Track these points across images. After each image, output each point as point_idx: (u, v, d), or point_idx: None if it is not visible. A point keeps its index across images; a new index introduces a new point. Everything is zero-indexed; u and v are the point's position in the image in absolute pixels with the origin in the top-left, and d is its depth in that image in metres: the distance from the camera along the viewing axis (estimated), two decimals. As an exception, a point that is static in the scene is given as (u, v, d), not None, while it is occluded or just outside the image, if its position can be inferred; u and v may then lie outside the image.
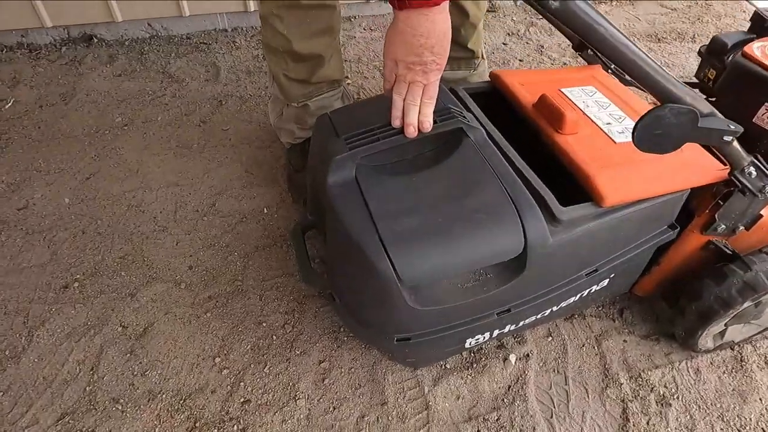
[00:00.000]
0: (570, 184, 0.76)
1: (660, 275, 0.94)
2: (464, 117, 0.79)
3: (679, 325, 0.91)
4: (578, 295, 0.87)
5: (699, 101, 0.55)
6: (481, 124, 0.84)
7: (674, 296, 0.94)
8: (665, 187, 0.75)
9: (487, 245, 0.68)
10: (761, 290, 0.80)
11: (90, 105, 1.56)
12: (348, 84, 1.71)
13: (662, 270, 0.92)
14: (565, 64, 1.90)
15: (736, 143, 0.65)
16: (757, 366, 0.93)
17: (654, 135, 0.53)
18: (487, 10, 2.22)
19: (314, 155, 0.90)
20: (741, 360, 0.94)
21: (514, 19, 2.18)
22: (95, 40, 1.86)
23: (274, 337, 0.95)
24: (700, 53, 1.14)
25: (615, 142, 0.80)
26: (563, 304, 0.87)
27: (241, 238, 1.15)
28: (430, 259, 0.67)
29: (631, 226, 0.77)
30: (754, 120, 0.95)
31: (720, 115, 0.58)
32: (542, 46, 2.00)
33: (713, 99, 1.06)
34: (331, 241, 0.79)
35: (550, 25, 2.12)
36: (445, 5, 0.65)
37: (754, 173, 0.74)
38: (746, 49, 0.99)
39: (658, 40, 2.06)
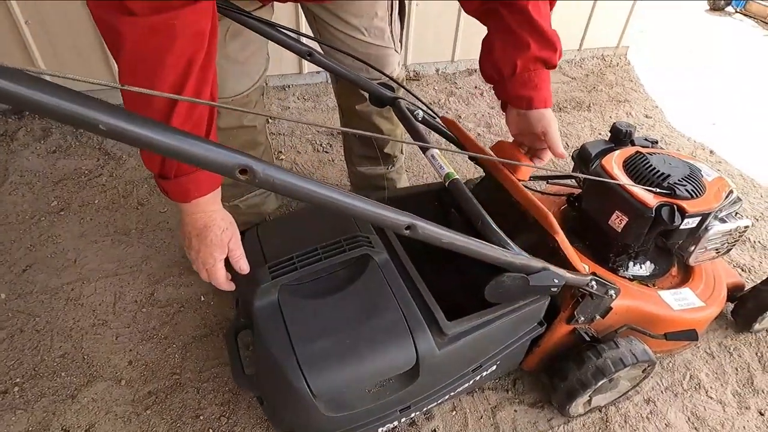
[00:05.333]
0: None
1: (540, 354, 1.13)
2: (370, 243, 0.95)
3: (553, 398, 1.10)
4: (470, 382, 1.05)
5: (532, 262, 0.73)
6: (390, 242, 1.00)
7: (551, 370, 1.14)
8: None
9: (387, 361, 0.84)
10: (609, 373, 1.00)
11: (24, 187, 1.60)
12: (282, 159, 1.85)
13: (541, 350, 1.12)
14: (478, 134, 2.13)
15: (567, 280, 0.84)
16: (618, 425, 1.14)
17: (499, 292, 0.71)
18: (411, 79, 2.43)
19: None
20: (606, 420, 1.15)
21: (436, 88, 2.40)
22: (27, 112, 1.88)
23: (211, 431, 1.06)
24: (572, 157, 1.37)
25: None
26: (458, 389, 1.04)
27: (179, 329, 1.24)
28: (339, 376, 0.82)
29: (505, 331, 0.95)
30: (609, 222, 1.17)
31: (553, 268, 0.76)
32: (460, 116, 2.23)
33: (581, 197, 1.29)
34: (257, 354, 0.92)
35: (468, 95, 2.36)
36: (196, 207, 0.77)
37: (595, 285, 0.94)
38: (604, 162, 1.22)
39: (559, 109, 2.35)
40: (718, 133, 2.32)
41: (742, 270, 1.58)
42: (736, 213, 1.22)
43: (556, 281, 0.75)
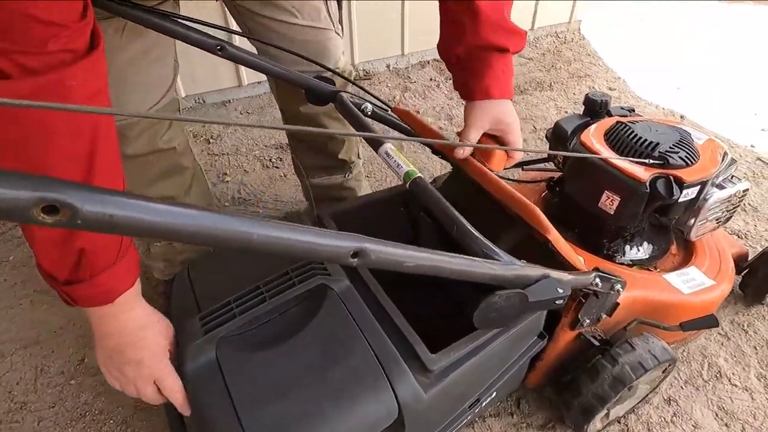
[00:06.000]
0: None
1: (544, 368, 0.97)
2: (325, 269, 0.78)
3: (567, 417, 0.94)
4: (467, 419, 0.88)
5: (528, 271, 0.57)
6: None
7: (560, 384, 0.98)
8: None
9: (361, 419, 0.66)
10: (629, 381, 0.85)
11: None
12: (227, 182, 1.65)
13: (545, 364, 0.96)
14: (440, 128, 1.98)
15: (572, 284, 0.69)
16: (643, 435, 0.99)
17: (491, 317, 0.55)
18: (362, 78, 2.27)
19: (173, 319, 0.84)
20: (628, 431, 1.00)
21: (389, 85, 2.25)
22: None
23: None
24: (547, 137, 1.23)
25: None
26: (457, 426, 0.87)
27: (117, 399, 1.03)
28: (302, 448, 0.64)
29: (502, 354, 0.79)
30: (599, 205, 1.03)
31: (554, 273, 0.60)
32: (418, 111, 2.07)
33: (565, 182, 1.15)
34: (194, 429, 0.73)
35: (424, 88, 2.22)
36: (121, 307, 0.61)
37: (600, 282, 0.79)
38: (582, 137, 1.08)
39: (521, 91, 2.23)
40: (684, 97, 2.23)
41: (738, 236, 1.46)
42: (732, 176, 1.10)
43: (561, 290, 0.59)
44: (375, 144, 0.74)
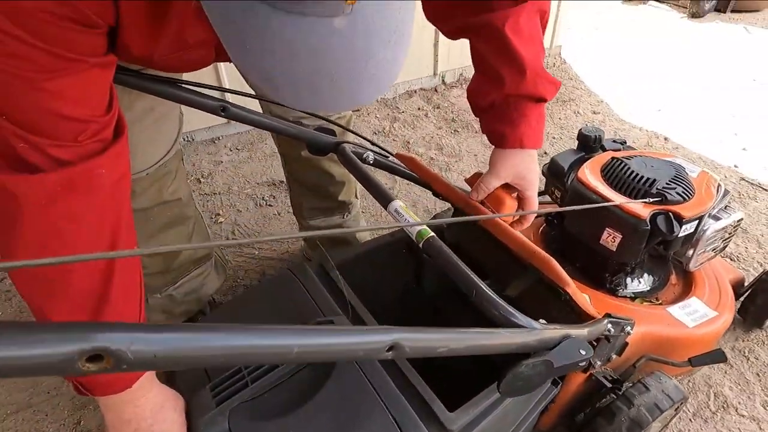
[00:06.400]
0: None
1: (557, 410, 0.96)
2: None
3: (587, 464, 0.93)
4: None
5: (551, 333, 0.57)
6: (354, 310, 0.81)
7: (573, 424, 0.98)
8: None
9: None
10: (646, 424, 0.84)
11: None
12: (221, 222, 1.63)
13: (558, 406, 0.95)
14: (431, 158, 1.99)
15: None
16: (658, 473, 0.98)
17: (516, 386, 0.54)
18: (351, 109, 2.28)
19: (180, 387, 0.81)
20: (643, 471, 0.99)
21: (378, 116, 2.26)
22: None
23: None
24: (543, 173, 1.24)
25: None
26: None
27: (118, 464, 0.99)
28: None
29: (520, 404, 0.78)
30: (600, 242, 1.03)
31: (573, 331, 0.60)
32: (408, 142, 2.09)
33: (562, 215, 1.16)
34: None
35: (413, 118, 2.23)
36: (135, 392, 0.59)
37: (612, 329, 0.79)
38: (579, 174, 1.09)
39: (508, 118, 2.25)
40: (665, 118, 2.29)
41: (731, 259, 1.49)
42: (727, 206, 1.12)
43: (583, 352, 0.58)
44: (384, 200, 0.74)
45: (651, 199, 0.97)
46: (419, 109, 2.31)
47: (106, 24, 0.45)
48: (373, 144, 0.96)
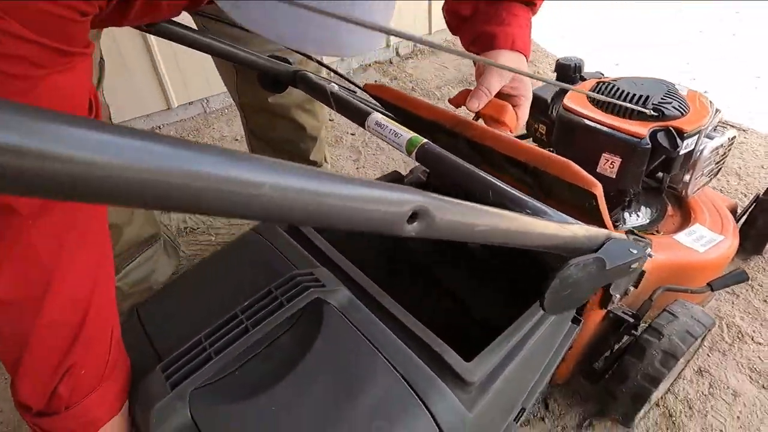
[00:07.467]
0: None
1: (574, 358, 0.85)
2: (317, 280, 0.62)
3: (614, 409, 0.82)
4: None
5: (594, 231, 0.45)
6: (339, 268, 0.67)
7: (593, 372, 0.87)
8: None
9: None
10: (680, 353, 0.75)
11: None
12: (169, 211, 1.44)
13: (575, 353, 0.84)
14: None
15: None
16: (685, 415, 0.89)
17: (565, 296, 0.42)
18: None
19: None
20: (670, 415, 0.90)
21: (333, 91, 2.12)
22: None
23: None
24: (524, 111, 1.14)
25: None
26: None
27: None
28: None
29: (543, 347, 0.66)
30: (597, 170, 0.94)
31: (615, 234, 0.48)
32: (369, 114, 1.96)
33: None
34: None
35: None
36: None
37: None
38: (565, 102, 0.99)
39: (469, 84, 2.17)
40: (625, 72, 2.26)
41: (715, 194, 1.44)
42: (718, 125, 1.05)
43: (635, 251, 0.47)
44: (360, 117, 0.60)
45: (649, 111, 0.88)
46: (376, 82, 2.19)
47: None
48: (339, 75, 0.82)
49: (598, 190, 0.58)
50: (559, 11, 3.15)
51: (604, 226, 0.63)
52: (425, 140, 0.53)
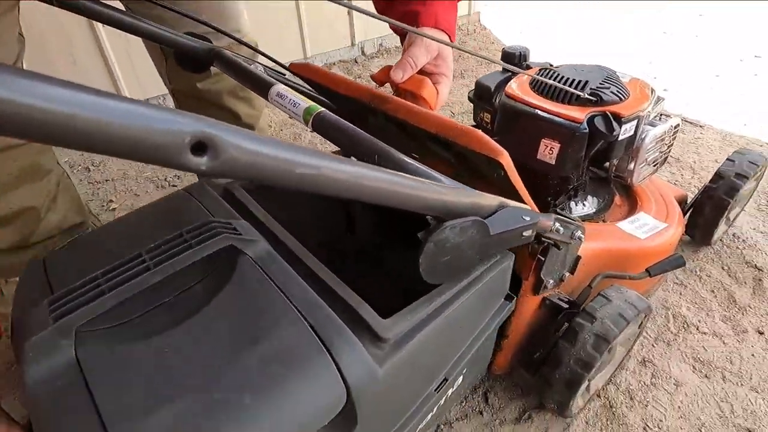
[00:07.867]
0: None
1: (511, 347, 0.83)
2: (234, 229, 0.58)
3: (549, 397, 0.80)
4: (434, 410, 0.71)
5: (484, 199, 0.42)
6: (264, 226, 0.64)
7: (532, 362, 0.85)
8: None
9: (296, 410, 0.46)
10: (612, 337, 0.73)
11: None
12: (113, 209, 1.39)
13: (512, 342, 0.82)
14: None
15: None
16: (626, 405, 0.87)
17: (442, 262, 0.39)
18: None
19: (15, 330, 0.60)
20: (610, 405, 0.87)
21: (295, 89, 2.09)
22: None
23: None
24: (470, 99, 1.12)
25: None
26: (420, 426, 0.69)
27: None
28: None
29: (469, 314, 0.63)
30: (538, 157, 0.92)
31: (512, 203, 0.46)
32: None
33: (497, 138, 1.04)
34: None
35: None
36: None
37: (561, 228, 0.66)
38: (507, 89, 0.98)
39: (433, 82, 2.16)
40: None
41: (669, 187, 1.44)
42: (661, 114, 1.05)
43: (528, 219, 0.44)
44: (264, 89, 0.57)
45: (586, 96, 0.87)
46: (340, 80, 2.16)
47: None
48: (266, 56, 0.79)
49: (505, 158, 0.56)
50: (523, 12, 3.17)
51: (520, 200, 0.61)
52: (322, 109, 0.50)
